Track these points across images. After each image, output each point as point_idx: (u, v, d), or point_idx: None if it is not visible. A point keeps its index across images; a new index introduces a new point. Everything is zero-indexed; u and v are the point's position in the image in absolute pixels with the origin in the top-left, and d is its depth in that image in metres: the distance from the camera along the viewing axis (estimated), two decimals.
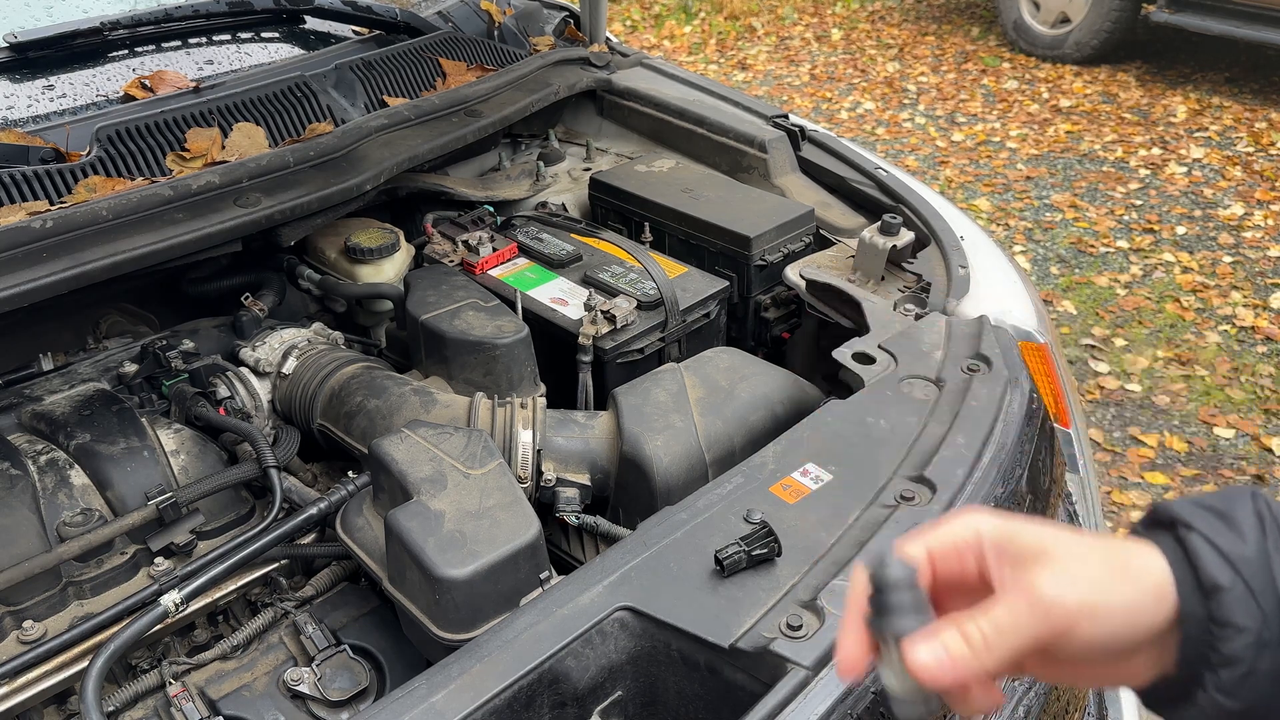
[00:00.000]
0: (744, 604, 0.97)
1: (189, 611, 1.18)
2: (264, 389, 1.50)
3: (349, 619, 1.23)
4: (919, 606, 0.58)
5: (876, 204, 1.82)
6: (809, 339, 1.71)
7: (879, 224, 1.61)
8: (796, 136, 1.99)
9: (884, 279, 1.60)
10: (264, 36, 2.06)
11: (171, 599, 1.12)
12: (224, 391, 1.48)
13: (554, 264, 1.69)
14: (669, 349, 1.60)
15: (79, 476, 1.26)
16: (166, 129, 1.62)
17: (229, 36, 2.01)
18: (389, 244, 1.70)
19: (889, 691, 0.59)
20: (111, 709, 1.11)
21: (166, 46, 1.93)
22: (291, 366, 1.50)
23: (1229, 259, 4.22)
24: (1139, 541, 0.61)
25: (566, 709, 0.96)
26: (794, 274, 1.66)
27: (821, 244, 1.80)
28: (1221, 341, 3.70)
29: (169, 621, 1.14)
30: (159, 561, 1.23)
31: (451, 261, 1.71)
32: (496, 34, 2.25)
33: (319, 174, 1.57)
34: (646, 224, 1.83)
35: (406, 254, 1.76)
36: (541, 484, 1.31)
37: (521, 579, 1.07)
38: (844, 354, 1.39)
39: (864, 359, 1.37)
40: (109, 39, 1.81)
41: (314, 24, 2.14)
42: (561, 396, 1.52)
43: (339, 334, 1.62)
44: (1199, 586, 0.58)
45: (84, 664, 1.10)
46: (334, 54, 2.00)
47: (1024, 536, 0.60)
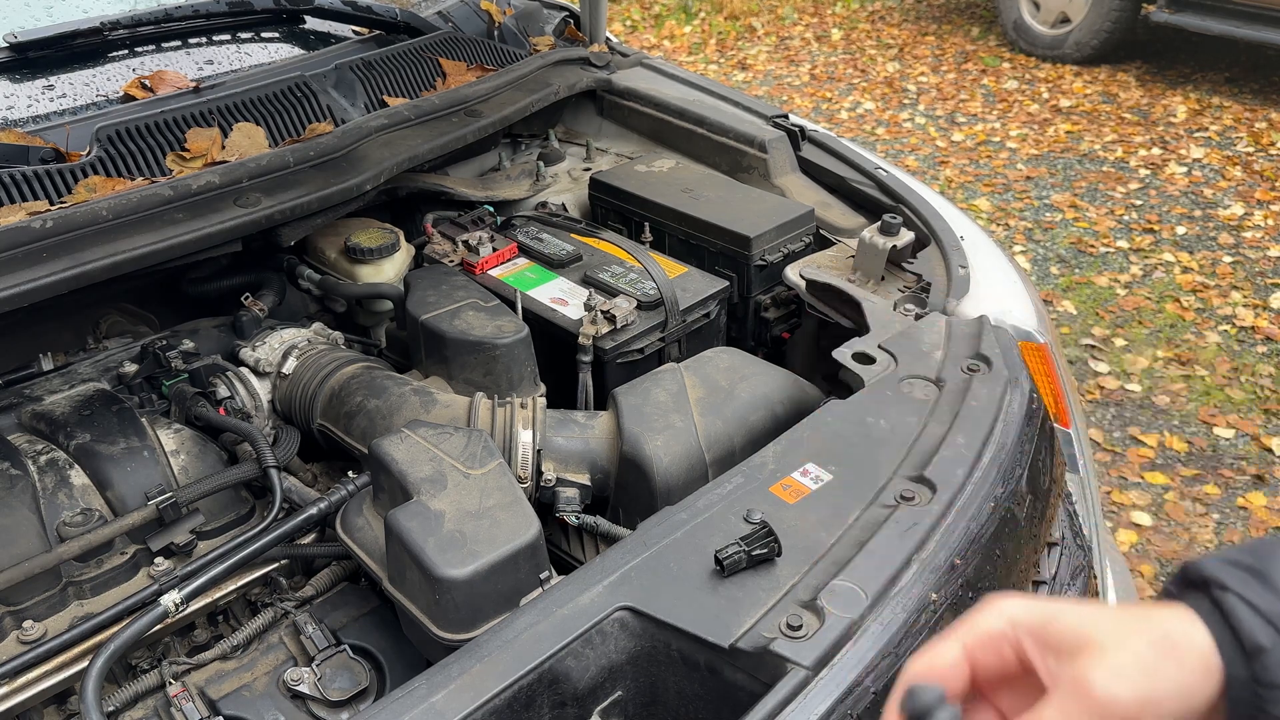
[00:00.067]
0: (744, 604, 0.97)
1: (189, 611, 1.18)
2: (264, 389, 1.50)
3: (349, 619, 1.23)
4: None
5: (876, 204, 1.82)
6: (809, 339, 1.71)
7: (879, 224, 1.60)
8: (796, 136, 1.99)
9: (884, 279, 1.60)
10: (264, 36, 2.06)
11: (171, 599, 1.12)
12: (224, 391, 1.48)
13: (554, 264, 1.69)
14: (669, 349, 1.60)
15: (79, 476, 1.26)
16: (166, 129, 1.62)
17: (229, 36, 2.01)
18: (389, 244, 1.70)
19: None
20: (111, 709, 1.11)
21: (166, 46, 1.93)
22: (291, 366, 1.50)
23: (1229, 259, 4.22)
24: (1174, 608, 0.60)
25: (566, 709, 0.96)
26: (794, 274, 1.66)
27: (821, 244, 1.80)
28: (1221, 341, 3.70)
29: (169, 621, 1.14)
30: (159, 561, 1.23)
31: (451, 261, 1.71)
32: (496, 34, 2.25)
33: (319, 174, 1.57)
34: (646, 224, 1.83)
35: (406, 254, 1.76)
36: (541, 484, 1.31)
37: (521, 579, 1.07)
38: (844, 354, 1.39)
39: (864, 359, 1.37)
40: (109, 39, 1.81)
41: (314, 24, 2.15)
42: (561, 396, 1.52)
43: (339, 334, 1.62)
44: (1240, 649, 0.57)
45: (84, 664, 1.10)
46: (334, 54, 2.00)
47: (1061, 622, 0.59)
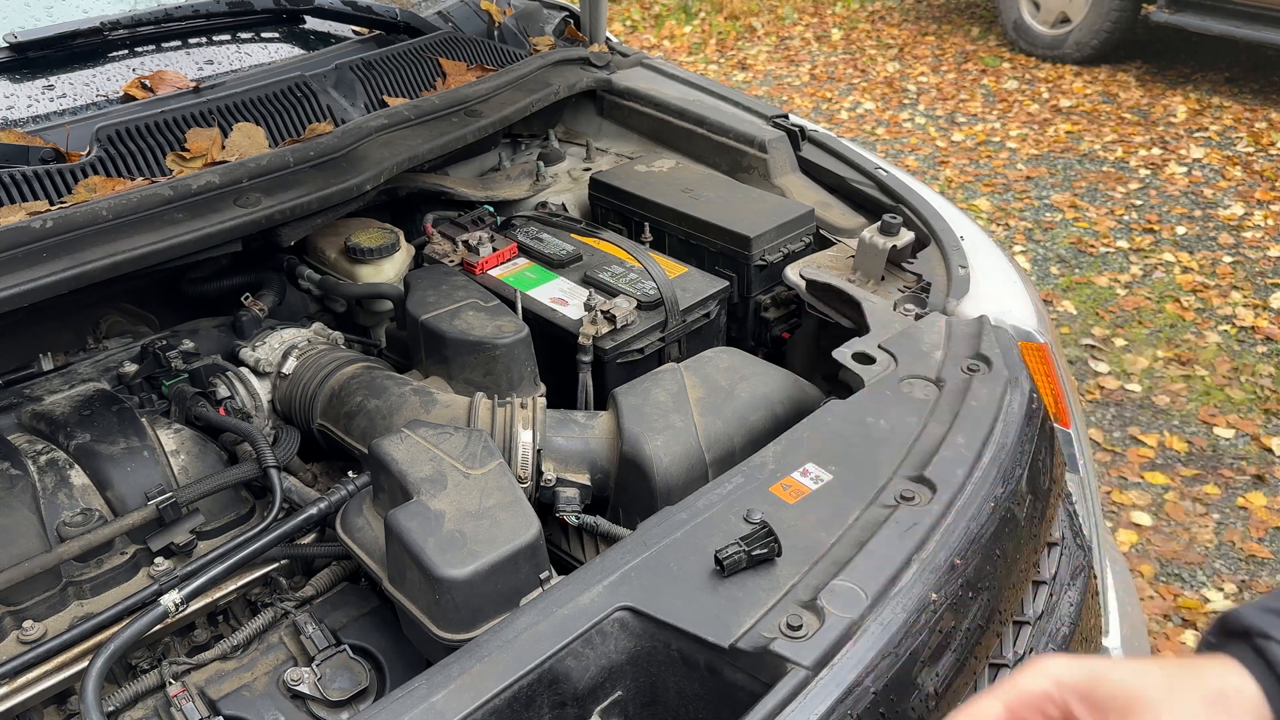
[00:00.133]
0: (744, 604, 0.97)
1: (189, 611, 1.18)
2: (264, 389, 1.50)
3: (349, 619, 1.23)
4: None
5: (876, 204, 1.82)
6: (809, 339, 1.71)
7: (879, 224, 1.60)
8: (796, 136, 1.99)
9: (884, 279, 1.60)
10: (264, 36, 2.06)
11: (171, 599, 1.12)
12: (224, 391, 1.48)
13: (554, 264, 1.69)
14: (669, 349, 1.60)
15: (79, 476, 1.26)
16: (166, 129, 1.62)
17: (229, 36, 2.01)
18: (389, 244, 1.70)
19: None
20: (111, 709, 1.11)
21: (166, 46, 1.93)
22: (291, 366, 1.50)
23: (1229, 259, 4.22)
24: (1219, 660, 0.60)
25: (566, 709, 0.96)
26: (794, 274, 1.66)
27: (821, 244, 1.80)
28: (1221, 341, 3.70)
29: (169, 621, 1.14)
30: (159, 561, 1.23)
31: (451, 261, 1.71)
32: (496, 34, 2.25)
33: (319, 174, 1.57)
34: (646, 224, 1.83)
35: (406, 254, 1.76)
36: (541, 484, 1.31)
37: (521, 579, 1.07)
38: (844, 354, 1.39)
39: (864, 359, 1.37)
40: (109, 39, 1.81)
41: (314, 24, 2.15)
42: (561, 396, 1.52)
43: (339, 334, 1.62)
44: None
45: (84, 664, 1.10)
46: (334, 54, 2.00)
47: (1110, 682, 0.58)
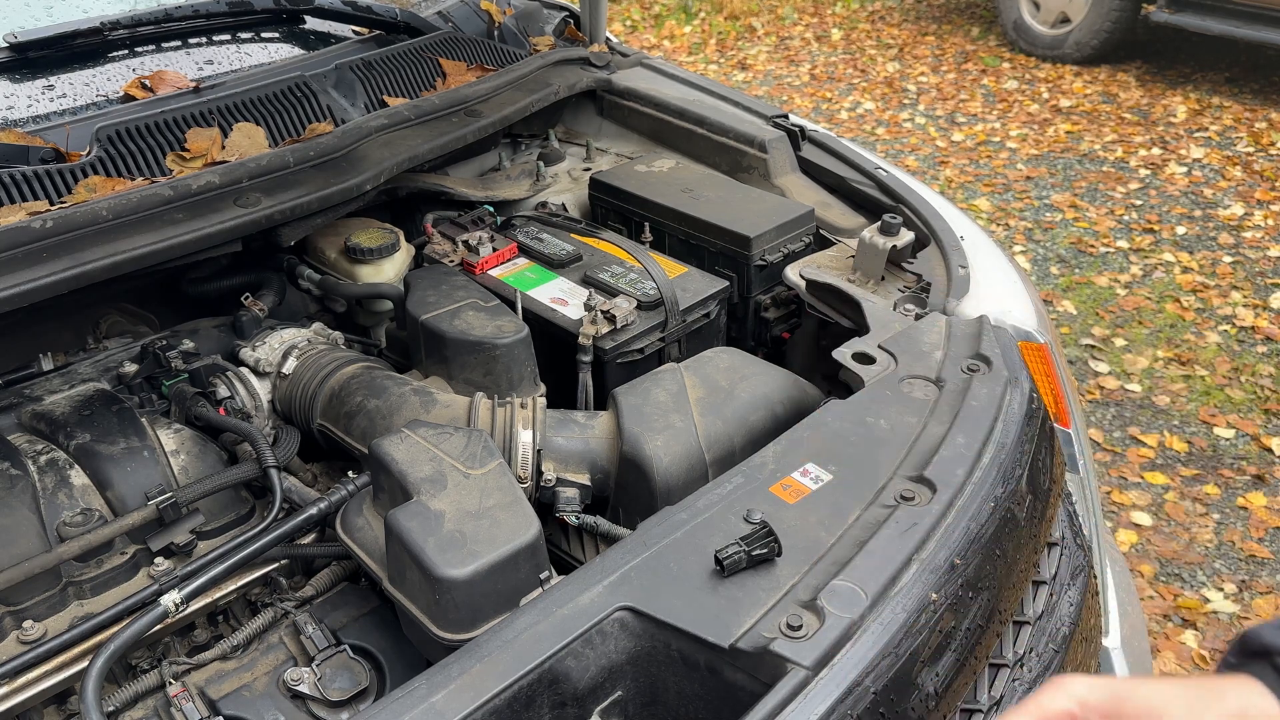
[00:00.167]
0: (744, 604, 0.97)
1: (189, 611, 1.18)
2: (264, 389, 1.50)
3: (349, 619, 1.23)
4: None
5: (876, 204, 1.82)
6: (809, 339, 1.71)
7: (879, 224, 1.60)
8: (796, 136, 1.99)
9: (884, 279, 1.60)
10: (264, 36, 2.06)
11: (171, 599, 1.12)
12: (224, 391, 1.48)
13: (554, 264, 1.69)
14: (669, 349, 1.60)
15: (79, 476, 1.26)
16: (166, 129, 1.62)
17: (229, 36, 2.01)
18: (389, 244, 1.70)
19: None
20: (111, 709, 1.11)
21: (166, 46, 1.93)
22: (291, 366, 1.50)
23: (1229, 259, 4.22)
24: (1239, 679, 0.60)
25: (566, 709, 0.96)
26: (794, 274, 1.66)
27: (821, 244, 1.80)
28: (1221, 341, 3.70)
29: (169, 621, 1.14)
30: (159, 561, 1.23)
31: (451, 261, 1.71)
32: (496, 34, 2.25)
33: (319, 174, 1.57)
34: (646, 224, 1.83)
35: (406, 254, 1.76)
36: (541, 484, 1.31)
37: (521, 579, 1.07)
38: (844, 354, 1.39)
39: (864, 359, 1.37)
40: (109, 39, 1.81)
41: (314, 24, 2.14)
42: (561, 396, 1.52)
43: (339, 334, 1.62)
44: None
45: (84, 664, 1.10)
46: (334, 54, 2.00)
47: (1134, 702, 0.59)
